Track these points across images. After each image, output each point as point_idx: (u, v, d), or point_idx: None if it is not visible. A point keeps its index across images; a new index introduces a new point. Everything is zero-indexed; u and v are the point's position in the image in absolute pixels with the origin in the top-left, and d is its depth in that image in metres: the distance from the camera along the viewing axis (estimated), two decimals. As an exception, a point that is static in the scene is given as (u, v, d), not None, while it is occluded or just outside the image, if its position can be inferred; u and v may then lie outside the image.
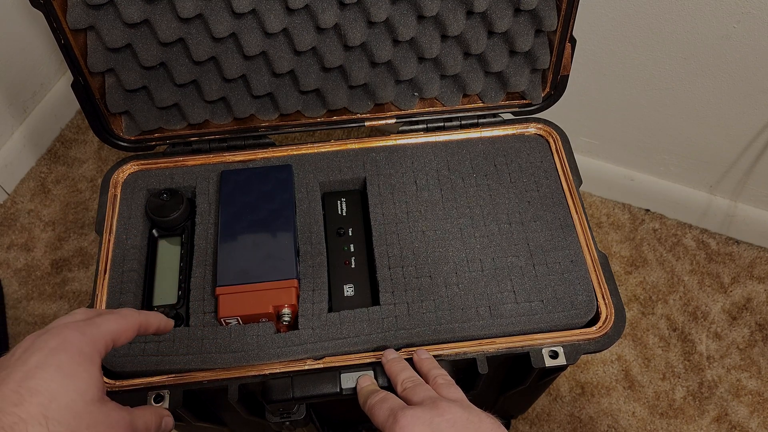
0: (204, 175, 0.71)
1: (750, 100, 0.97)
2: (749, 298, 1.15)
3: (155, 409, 0.49)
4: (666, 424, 1.04)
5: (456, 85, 0.74)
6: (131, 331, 0.46)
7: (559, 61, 0.71)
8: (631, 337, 1.12)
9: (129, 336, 0.45)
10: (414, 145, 0.74)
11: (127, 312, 0.47)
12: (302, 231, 0.67)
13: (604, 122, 1.12)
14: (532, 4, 0.66)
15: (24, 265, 1.18)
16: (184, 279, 0.66)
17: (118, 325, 0.44)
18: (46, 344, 0.40)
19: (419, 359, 0.58)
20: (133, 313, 0.47)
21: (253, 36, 0.66)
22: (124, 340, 0.45)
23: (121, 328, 0.45)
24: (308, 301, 0.63)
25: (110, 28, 0.63)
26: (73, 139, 1.35)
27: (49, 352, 0.39)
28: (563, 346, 0.60)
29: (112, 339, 0.44)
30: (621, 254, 1.20)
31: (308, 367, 0.60)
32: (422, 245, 0.66)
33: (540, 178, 0.71)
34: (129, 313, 0.47)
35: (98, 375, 0.41)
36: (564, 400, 1.06)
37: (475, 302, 0.63)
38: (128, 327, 0.45)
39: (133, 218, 0.68)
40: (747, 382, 1.07)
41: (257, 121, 0.74)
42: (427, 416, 0.47)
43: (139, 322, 0.47)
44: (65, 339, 0.40)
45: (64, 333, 0.41)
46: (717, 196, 1.17)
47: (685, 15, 0.89)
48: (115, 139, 0.72)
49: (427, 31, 0.68)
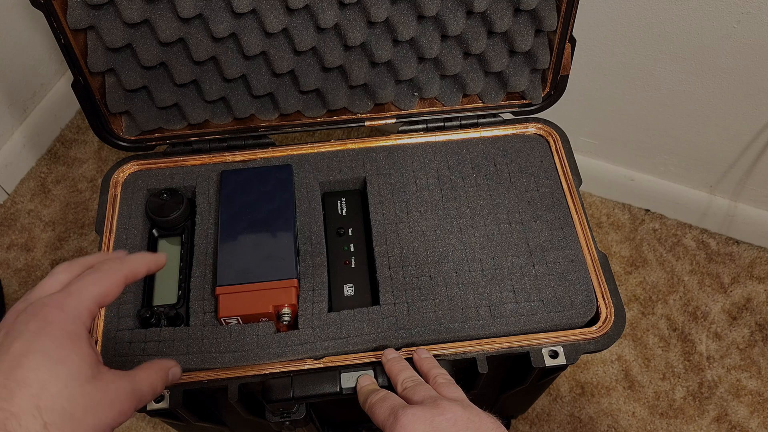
0: (204, 175, 0.71)
1: (750, 100, 0.97)
2: (749, 298, 1.15)
3: (159, 363, 0.45)
4: (666, 424, 1.04)
5: (456, 85, 0.74)
6: (117, 287, 0.42)
7: (559, 61, 0.71)
8: (631, 337, 1.12)
9: (115, 293, 0.42)
10: (414, 145, 0.74)
11: (109, 267, 0.42)
12: (302, 231, 0.67)
13: (604, 122, 1.12)
14: (532, 4, 0.66)
15: (24, 265, 1.18)
16: (184, 279, 0.66)
17: (101, 286, 0.41)
18: (26, 327, 0.37)
19: (419, 358, 0.58)
20: (115, 265, 0.43)
21: (253, 36, 0.66)
22: (111, 299, 0.42)
23: (105, 289, 0.41)
24: (308, 300, 0.63)
25: (110, 28, 0.63)
26: (73, 139, 1.35)
27: (31, 337, 0.36)
28: (563, 346, 0.60)
29: (96, 304, 0.40)
30: (621, 254, 1.20)
31: (308, 367, 0.60)
32: (422, 245, 0.66)
33: (540, 177, 0.71)
34: (111, 267, 0.42)
35: (88, 350, 0.38)
36: (564, 400, 1.06)
37: (475, 302, 0.63)
38: (113, 283, 0.42)
39: (133, 218, 0.68)
40: (747, 382, 1.07)
41: (257, 121, 0.74)
42: (427, 415, 0.47)
43: (123, 276, 0.43)
44: (46, 320, 0.38)
45: (44, 312, 0.38)
46: (717, 196, 1.17)
47: (685, 15, 0.89)
48: (115, 139, 0.72)
49: (427, 31, 0.68)
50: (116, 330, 0.61)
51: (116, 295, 0.42)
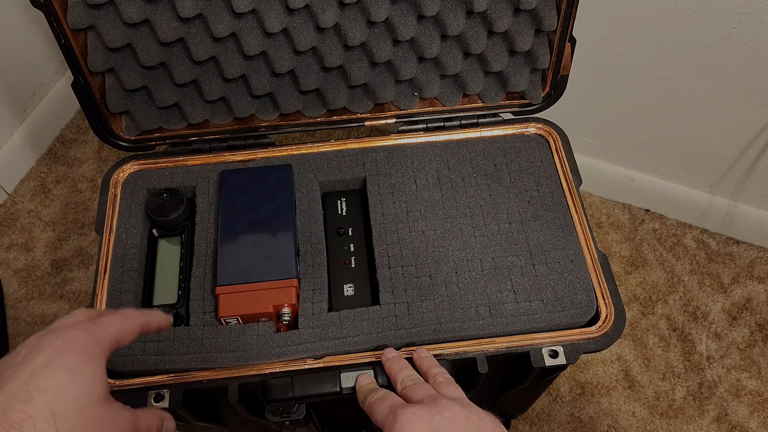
0: (204, 175, 0.71)
1: (750, 100, 0.97)
2: (749, 298, 1.15)
3: (157, 412, 0.49)
4: (666, 424, 1.04)
5: (456, 85, 0.74)
6: (134, 331, 0.46)
7: (559, 61, 0.71)
8: (631, 337, 1.12)
9: (132, 336, 0.46)
10: (414, 144, 0.74)
11: (130, 312, 0.47)
12: (302, 231, 0.67)
13: (604, 122, 1.12)
14: (532, 3, 0.66)
15: (24, 265, 1.18)
16: (184, 279, 0.66)
17: (122, 325, 0.45)
18: (51, 343, 0.40)
19: (419, 358, 0.58)
20: (134, 313, 0.47)
21: (253, 36, 0.66)
22: (128, 341, 0.45)
23: (125, 328, 0.45)
24: (308, 300, 0.63)
25: (110, 27, 0.63)
26: (73, 139, 1.35)
27: (55, 351, 0.39)
28: (563, 346, 0.60)
29: (116, 339, 0.44)
30: (621, 254, 1.20)
31: (308, 367, 0.60)
32: (422, 245, 0.66)
33: (540, 177, 0.71)
34: (131, 313, 0.47)
35: (103, 375, 0.41)
36: (564, 400, 1.06)
37: (475, 302, 0.63)
38: (131, 327, 0.46)
39: (133, 218, 0.68)
40: (747, 382, 1.07)
41: (257, 121, 0.74)
42: (427, 414, 0.47)
43: (140, 323, 0.47)
44: (71, 338, 0.41)
45: (71, 332, 0.41)
46: (717, 196, 1.17)
47: (685, 15, 0.89)
48: (115, 139, 0.72)
49: (427, 31, 0.68)
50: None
51: (132, 339, 0.46)
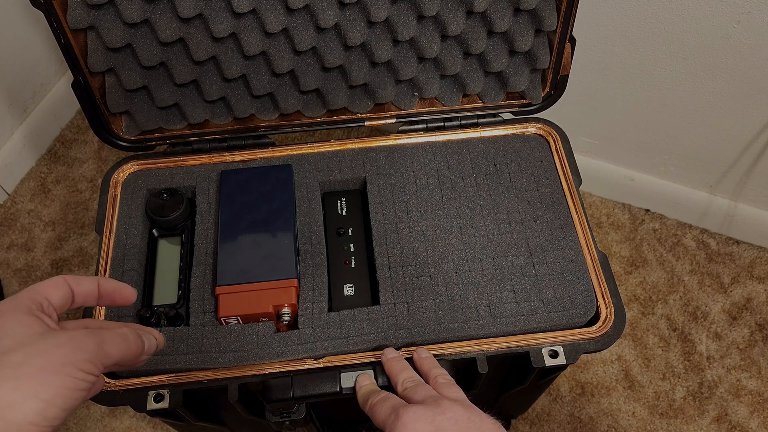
0: (204, 175, 0.71)
1: (750, 100, 0.97)
2: (749, 298, 1.15)
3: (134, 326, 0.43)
4: (666, 424, 1.04)
5: (456, 85, 0.74)
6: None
7: (558, 61, 0.71)
8: (631, 337, 1.12)
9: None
10: (414, 144, 0.74)
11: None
12: (302, 231, 0.67)
13: (604, 122, 1.12)
14: (532, 3, 0.66)
15: (24, 265, 1.18)
16: (184, 279, 0.66)
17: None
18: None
19: (419, 358, 0.58)
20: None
21: (253, 36, 0.66)
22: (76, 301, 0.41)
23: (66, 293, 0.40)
24: (308, 300, 0.63)
25: (110, 27, 0.63)
26: (73, 139, 1.35)
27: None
28: (563, 346, 0.60)
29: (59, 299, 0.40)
30: (621, 254, 1.20)
31: (308, 367, 0.60)
32: (422, 245, 0.66)
33: (540, 177, 0.71)
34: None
35: (26, 320, 0.37)
36: (564, 400, 1.06)
37: (475, 302, 0.63)
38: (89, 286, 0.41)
39: (133, 218, 0.68)
40: (747, 382, 1.07)
41: (257, 121, 0.74)
42: (429, 414, 0.47)
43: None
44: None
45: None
46: (717, 196, 1.17)
47: (685, 15, 0.89)
48: (115, 139, 0.72)
49: (427, 31, 0.68)
50: (116, 330, 0.61)
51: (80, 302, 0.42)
